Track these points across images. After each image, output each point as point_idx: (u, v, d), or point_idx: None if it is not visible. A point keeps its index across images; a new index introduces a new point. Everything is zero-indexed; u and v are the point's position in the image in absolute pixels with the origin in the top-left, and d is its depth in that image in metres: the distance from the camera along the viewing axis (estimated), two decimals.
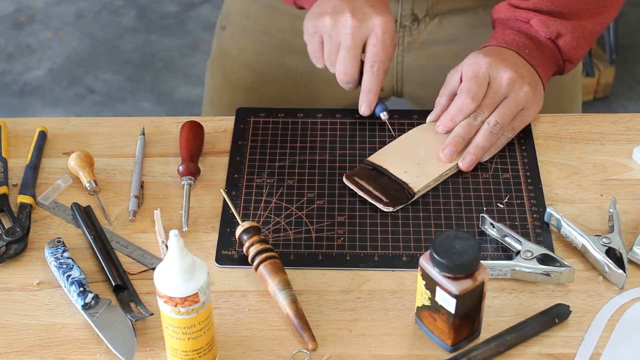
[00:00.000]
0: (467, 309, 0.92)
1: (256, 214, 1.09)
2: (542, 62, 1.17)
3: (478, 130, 1.13)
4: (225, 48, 1.39)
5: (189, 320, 0.88)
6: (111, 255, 1.04)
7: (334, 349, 0.95)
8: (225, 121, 1.23)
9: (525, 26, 1.17)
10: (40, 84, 2.84)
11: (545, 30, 1.17)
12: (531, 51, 1.16)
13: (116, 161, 1.17)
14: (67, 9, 3.12)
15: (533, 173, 1.13)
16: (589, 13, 1.19)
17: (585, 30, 1.18)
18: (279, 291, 0.98)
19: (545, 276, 1.00)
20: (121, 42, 2.99)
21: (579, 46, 1.18)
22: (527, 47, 1.16)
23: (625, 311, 0.98)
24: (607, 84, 2.71)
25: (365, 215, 1.09)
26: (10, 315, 0.99)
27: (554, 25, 1.16)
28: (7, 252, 1.05)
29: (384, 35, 1.12)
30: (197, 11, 3.09)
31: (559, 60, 1.19)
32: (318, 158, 1.17)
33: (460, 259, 0.88)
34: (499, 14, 1.20)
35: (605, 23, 1.21)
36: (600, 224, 1.07)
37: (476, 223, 1.08)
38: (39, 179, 1.15)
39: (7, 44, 2.98)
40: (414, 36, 1.30)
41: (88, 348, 0.96)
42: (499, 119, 1.12)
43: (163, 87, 2.83)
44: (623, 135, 1.20)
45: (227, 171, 1.15)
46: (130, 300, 1.00)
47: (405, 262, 1.03)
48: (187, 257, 0.86)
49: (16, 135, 1.21)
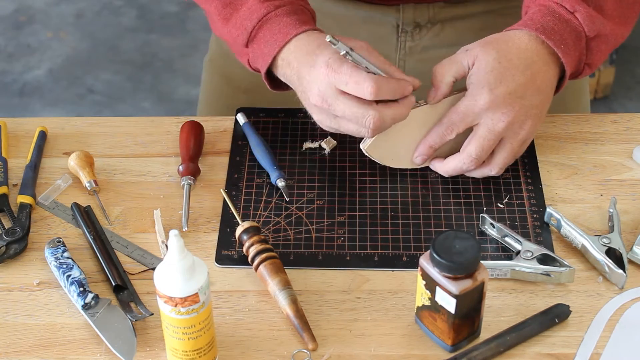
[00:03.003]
0: (467, 309, 0.92)
1: (256, 214, 1.09)
2: (572, 61, 1.07)
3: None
4: (225, 48, 1.38)
5: (189, 320, 0.88)
6: (111, 255, 1.04)
7: (334, 349, 0.95)
8: (225, 121, 1.23)
9: (569, 16, 1.06)
10: (40, 84, 2.84)
11: (589, 27, 1.06)
12: (567, 47, 1.06)
13: (116, 161, 1.17)
14: (67, 9, 3.12)
15: (533, 173, 1.13)
16: (623, 20, 1.11)
17: (616, 36, 1.11)
18: (279, 291, 0.98)
19: (545, 276, 1.00)
20: (121, 42, 2.99)
21: (606, 52, 1.11)
22: (564, 42, 1.06)
23: (625, 311, 0.98)
24: (607, 84, 2.71)
25: (365, 215, 1.09)
26: (10, 315, 0.99)
27: (599, 24, 1.07)
28: (7, 252, 1.05)
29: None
30: (197, 11, 3.09)
31: (582, 62, 1.10)
32: (318, 158, 1.17)
33: (460, 259, 0.88)
34: None
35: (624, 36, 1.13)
36: (600, 224, 1.07)
37: (476, 223, 1.08)
38: (39, 179, 1.15)
39: (7, 44, 2.98)
40: (415, 41, 1.29)
41: (88, 348, 0.96)
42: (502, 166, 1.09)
43: (163, 87, 2.83)
44: (623, 135, 1.20)
45: (227, 171, 1.15)
46: (130, 300, 1.00)
47: (405, 262, 1.03)
48: (187, 257, 0.86)
49: (16, 135, 1.21)
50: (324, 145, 1.18)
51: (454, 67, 1.07)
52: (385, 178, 1.13)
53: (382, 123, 1.02)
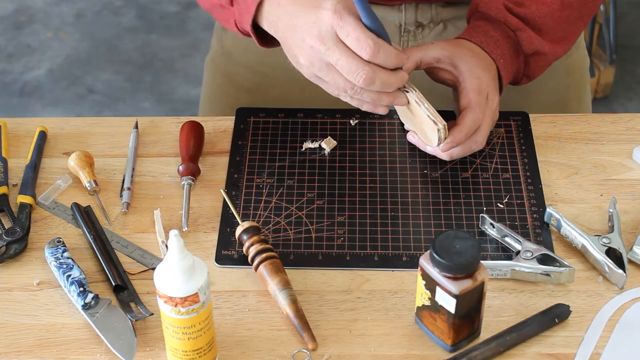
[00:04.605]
0: (467, 309, 0.92)
1: (256, 214, 1.09)
2: (508, 74, 1.15)
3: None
4: (228, 48, 1.38)
5: (189, 320, 0.88)
6: (111, 255, 1.04)
7: (334, 349, 0.95)
8: (225, 121, 1.23)
9: (511, 33, 1.15)
10: (40, 84, 2.84)
11: (527, 47, 1.15)
12: (506, 62, 1.14)
13: (116, 161, 1.17)
14: (67, 9, 3.12)
15: (533, 173, 1.13)
16: (564, 40, 1.18)
17: (556, 54, 1.18)
18: (279, 291, 0.98)
19: (545, 276, 1.00)
20: (121, 42, 2.99)
21: (544, 67, 1.18)
22: (504, 56, 1.14)
23: (625, 311, 0.98)
24: (607, 84, 2.71)
25: (365, 215, 1.09)
26: (10, 315, 0.99)
27: (537, 44, 1.15)
28: (7, 252, 1.05)
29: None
30: (197, 11, 3.09)
31: (520, 74, 1.18)
32: (318, 158, 1.17)
33: (460, 259, 0.89)
34: (489, 11, 1.16)
35: (565, 52, 1.20)
36: (600, 224, 1.08)
37: (476, 223, 1.08)
38: (39, 179, 1.15)
39: (7, 44, 2.98)
40: (417, 41, 1.29)
41: (88, 348, 0.96)
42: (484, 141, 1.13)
43: (163, 87, 2.83)
44: (623, 135, 1.20)
45: (227, 171, 1.15)
46: (130, 300, 1.00)
47: (405, 262, 1.03)
48: (187, 257, 0.86)
49: (16, 135, 1.21)
50: (324, 145, 1.18)
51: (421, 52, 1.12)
52: (385, 178, 1.13)
53: (371, 84, 1.01)
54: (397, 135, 1.19)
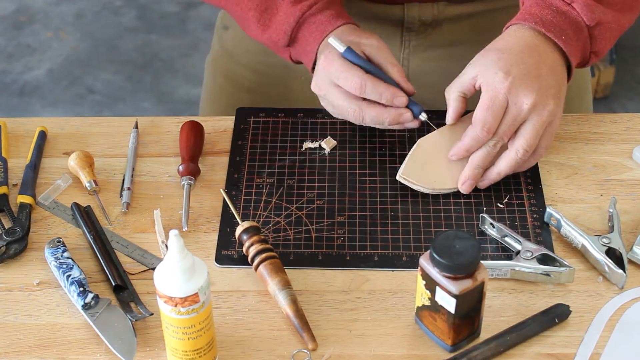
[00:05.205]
0: (467, 309, 0.92)
1: (256, 214, 1.09)
2: (575, 51, 1.08)
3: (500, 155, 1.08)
4: (228, 48, 1.38)
5: (189, 320, 0.88)
6: (111, 255, 1.04)
7: (334, 349, 0.95)
8: (225, 121, 1.23)
9: (567, 7, 1.07)
10: (40, 84, 2.84)
11: (588, 16, 1.07)
12: (569, 38, 1.06)
13: (116, 161, 1.17)
14: (67, 9, 3.12)
15: (533, 173, 1.13)
16: (626, 7, 1.12)
17: (620, 23, 1.11)
18: (279, 291, 0.98)
19: (545, 276, 1.00)
20: (121, 42, 2.99)
21: (611, 39, 1.10)
22: (565, 33, 1.06)
23: (625, 311, 0.98)
24: (607, 84, 2.71)
25: (365, 215, 1.09)
26: (10, 315, 0.99)
27: (598, 12, 1.07)
28: (7, 252, 1.05)
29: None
30: (197, 11, 3.09)
31: (587, 51, 1.10)
32: (318, 158, 1.17)
33: (460, 259, 0.88)
34: None
35: (631, 22, 1.13)
36: (600, 224, 1.07)
37: (476, 223, 1.08)
38: (39, 179, 1.15)
39: (7, 44, 2.98)
40: (420, 40, 1.29)
41: (88, 348, 0.96)
42: (526, 147, 1.05)
43: (163, 87, 2.83)
44: (623, 135, 1.20)
45: (227, 171, 1.15)
46: (130, 300, 1.00)
47: (405, 262, 1.03)
48: (187, 257, 0.86)
49: (16, 135, 1.21)
50: (324, 145, 1.18)
51: (457, 81, 1.09)
52: (385, 178, 1.13)
53: (361, 119, 1.11)
54: (397, 135, 1.19)
